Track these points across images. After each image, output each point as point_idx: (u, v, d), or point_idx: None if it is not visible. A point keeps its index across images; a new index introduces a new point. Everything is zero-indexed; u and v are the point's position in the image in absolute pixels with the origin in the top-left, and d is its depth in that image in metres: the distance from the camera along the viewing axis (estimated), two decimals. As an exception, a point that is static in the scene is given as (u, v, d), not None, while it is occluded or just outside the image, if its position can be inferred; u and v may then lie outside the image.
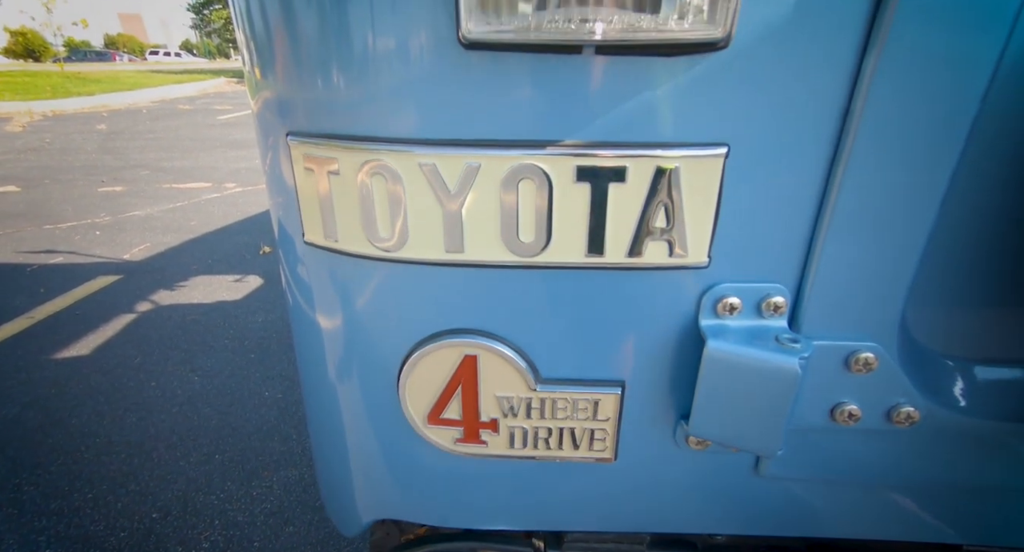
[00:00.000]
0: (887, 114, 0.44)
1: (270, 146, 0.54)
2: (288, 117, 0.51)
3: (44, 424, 2.48)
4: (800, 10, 0.41)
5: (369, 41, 0.44)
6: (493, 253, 0.50)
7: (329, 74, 0.47)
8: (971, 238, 0.53)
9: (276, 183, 0.57)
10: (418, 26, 0.43)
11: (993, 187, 0.51)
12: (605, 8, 0.38)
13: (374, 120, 0.47)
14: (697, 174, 0.46)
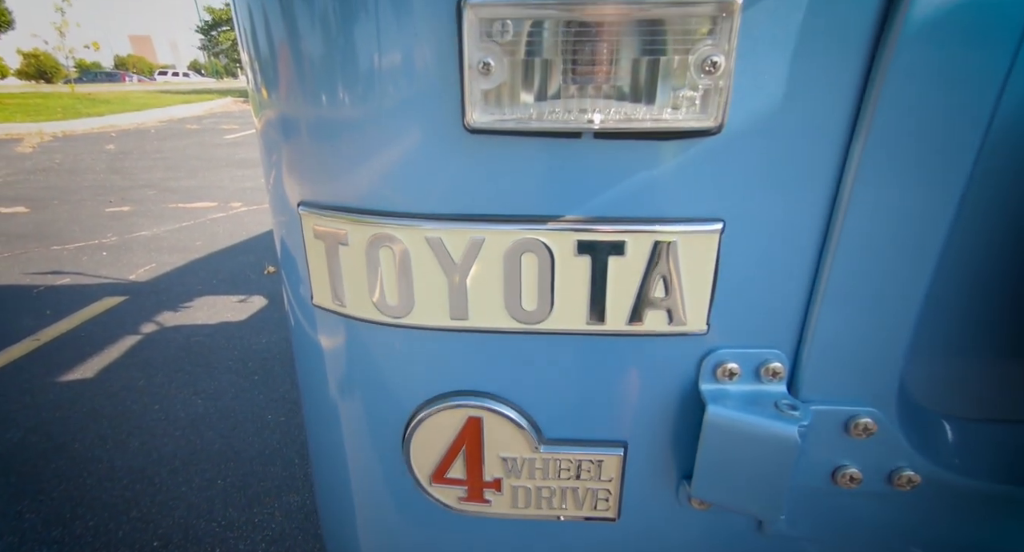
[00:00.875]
0: (876, 191, 0.45)
1: (281, 212, 0.56)
2: (300, 188, 0.54)
3: (47, 449, 2.48)
4: (789, 98, 0.43)
5: (378, 123, 0.47)
6: (497, 320, 0.52)
7: (340, 152, 0.49)
8: (967, 298, 0.54)
9: (286, 246, 0.59)
10: (425, 113, 0.45)
11: (986, 251, 0.52)
12: (603, 100, 0.40)
13: (382, 195, 0.50)
14: (694, 248, 0.48)
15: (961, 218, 0.47)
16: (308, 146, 0.51)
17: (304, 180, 0.53)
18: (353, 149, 0.49)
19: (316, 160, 0.51)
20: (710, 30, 0.39)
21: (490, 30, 0.39)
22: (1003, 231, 0.51)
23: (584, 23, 0.39)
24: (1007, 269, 0.52)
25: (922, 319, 0.51)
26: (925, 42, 0.40)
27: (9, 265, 4.67)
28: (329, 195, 0.51)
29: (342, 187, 0.51)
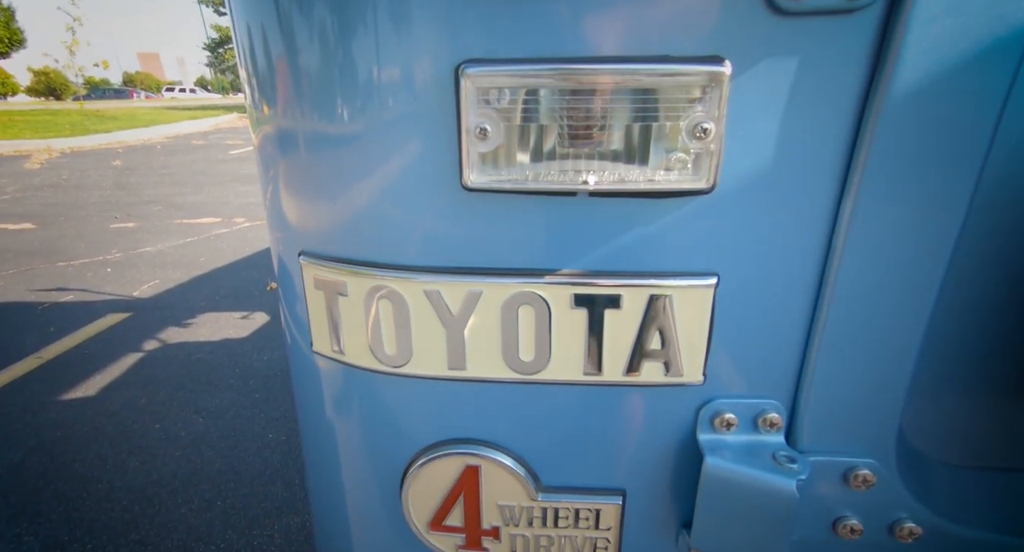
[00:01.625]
0: (868, 245, 0.46)
1: (283, 260, 0.58)
2: (301, 237, 0.55)
3: (48, 469, 2.47)
4: (780, 158, 0.45)
5: (378, 179, 0.48)
6: (494, 371, 0.52)
7: (340, 205, 0.51)
8: (964, 345, 0.55)
9: (287, 293, 0.60)
10: (424, 171, 0.47)
11: (981, 298, 0.53)
12: (597, 161, 0.42)
13: (382, 248, 0.51)
14: (689, 301, 0.49)
15: (953, 269, 0.48)
16: (309, 198, 0.52)
17: (305, 230, 0.54)
18: (353, 203, 0.50)
19: (317, 212, 0.53)
20: (700, 98, 0.40)
21: (487, 97, 0.41)
22: (996, 280, 0.52)
23: (578, 91, 0.40)
24: (1004, 315, 0.53)
25: (920, 367, 0.51)
26: (911, 104, 0.41)
27: (15, 282, 4.71)
28: (329, 246, 0.53)
29: (342, 239, 0.52)
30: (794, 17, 0.40)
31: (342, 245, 0.52)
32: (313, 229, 0.53)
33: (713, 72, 0.39)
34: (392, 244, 0.50)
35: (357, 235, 0.51)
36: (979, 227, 0.49)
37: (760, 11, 0.40)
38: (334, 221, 0.52)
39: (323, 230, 0.53)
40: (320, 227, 0.53)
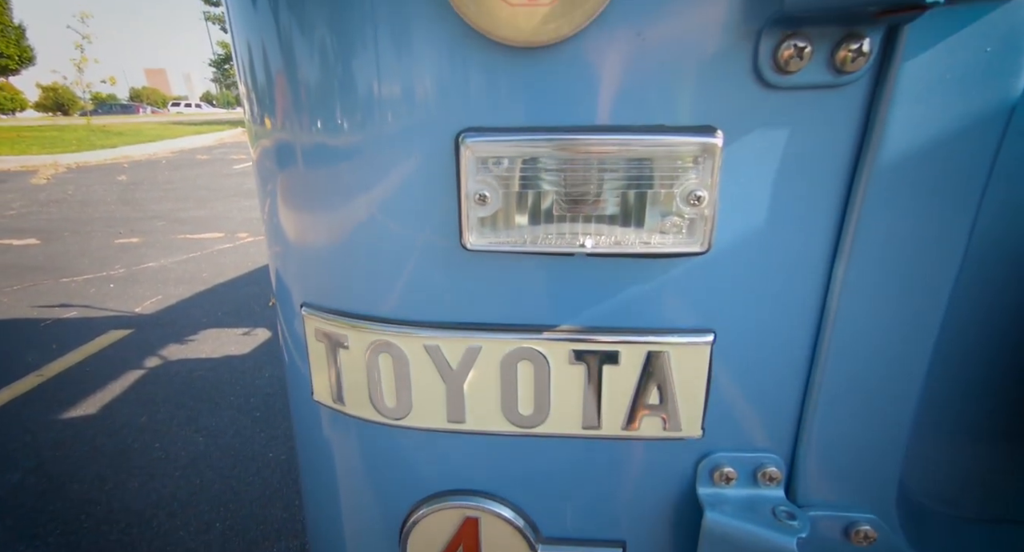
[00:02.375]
0: (861, 302, 0.47)
1: (285, 310, 0.58)
2: (303, 289, 0.55)
3: (46, 490, 2.45)
4: (772, 222, 0.45)
5: (380, 237, 0.49)
6: (493, 424, 0.52)
7: (343, 261, 0.52)
8: (963, 397, 0.54)
9: (288, 342, 0.61)
10: (425, 231, 0.48)
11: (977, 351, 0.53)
12: (594, 224, 0.43)
13: (383, 303, 0.51)
14: (686, 358, 0.49)
15: (947, 324, 0.48)
16: (313, 253, 0.53)
17: (308, 283, 0.55)
18: (355, 259, 0.51)
19: (320, 266, 0.53)
20: (694, 166, 0.41)
21: (486, 165, 0.42)
22: (990, 334, 0.52)
23: (575, 159, 0.41)
24: (1000, 367, 0.53)
25: (918, 419, 0.51)
26: (899, 172, 0.42)
27: (19, 298, 4.72)
28: (331, 299, 0.53)
29: (344, 292, 0.53)
30: (783, 91, 0.41)
31: (344, 299, 0.53)
32: (316, 282, 0.54)
33: (706, 143, 0.40)
34: (393, 299, 0.51)
35: (359, 289, 0.52)
36: (971, 284, 0.49)
37: (750, 84, 0.41)
38: (337, 275, 0.52)
39: (326, 283, 0.53)
40: (323, 280, 0.54)
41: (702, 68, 0.41)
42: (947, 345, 0.51)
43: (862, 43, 0.39)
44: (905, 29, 0.38)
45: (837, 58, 0.39)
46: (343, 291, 0.52)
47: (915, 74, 0.39)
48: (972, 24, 0.38)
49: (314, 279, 0.54)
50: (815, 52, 0.39)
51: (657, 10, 0.39)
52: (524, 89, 0.42)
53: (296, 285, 0.56)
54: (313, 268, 0.54)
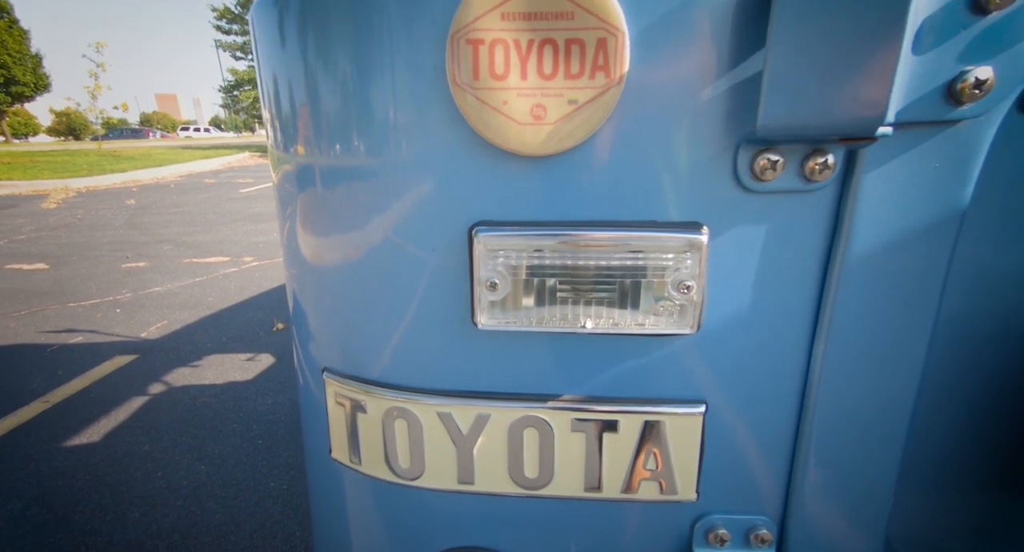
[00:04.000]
0: (841, 375, 0.51)
1: (307, 373, 0.62)
2: (325, 355, 0.60)
3: (48, 521, 2.44)
4: (757, 304, 0.50)
5: (397, 314, 0.54)
6: (501, 486, 0.56)
7: (363, 333, 0.56)
8: (944, 458, 0.58)
9: (308, 402, 0.65)
10: (440, 311, 0.52)
11: (952, 415, 0.56)
12: (594, 307, 0.47)
13: (399, 371, 0.56)
14: (681, 427, 0.53)
15: (922, 394, 0.52)
16: (337, 323, 0.58)
17: (330, 350, 0.59)
18: (375, 331, 0.55)
19: (342, 336, 0.58)
20: (683, 259, 0.46)
21: (496, 255, 0.46)
22: (966, 397, 0.55)
23: (576, 251, 0.46)
24: (975, 428, 0.56)
25: (901, 481, 0.55)
26: (867, 262, 0.47)
27: (27, 323, 4.77)
28: (351, 366, 0.57)
29: (363, 360, 0.57)
30: (760, 194, 0.46)
31: (363, 366, 0.57)
32: (337, 350, 0.58)
33: (693, 238, 0.45)
34: (409, 369, 0.55)
35: (378, 359, 0.56)
36: (944, 354, 0.53)
37: (731, 188, 0.46)
38: (357, 345, 0.57)
39: (347, 352, 0.58)
40: (344, 349, 0.58)
41: (689, 173, 0.46)
42: (925, 411, 0.55)
43: (827, 158, 0.44)
44: (863, 149, 0.44)
45: (806, 169, 0.45)
46: (363, 359, 0.57)
47: (875, 184, 0.45)
48: (921, 145, 0.43)
49: (336, 347, 0.58)
50: (786, 164, 0.45)
51: (648, 124, 0.44)
52: (531, 189, 0.47)
53: (318, 351, 0.60)
54: (335, 337, 0.58)
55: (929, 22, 0.39)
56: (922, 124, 0.42)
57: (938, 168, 0.43)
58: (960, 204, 0.45)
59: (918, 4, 0.38)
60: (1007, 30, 0.39)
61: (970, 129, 0.42)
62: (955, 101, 0.41)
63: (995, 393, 0.54)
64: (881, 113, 0.37)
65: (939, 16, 0.39)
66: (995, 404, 0.54)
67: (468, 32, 0.39)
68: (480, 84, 0.41)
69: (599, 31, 0.39)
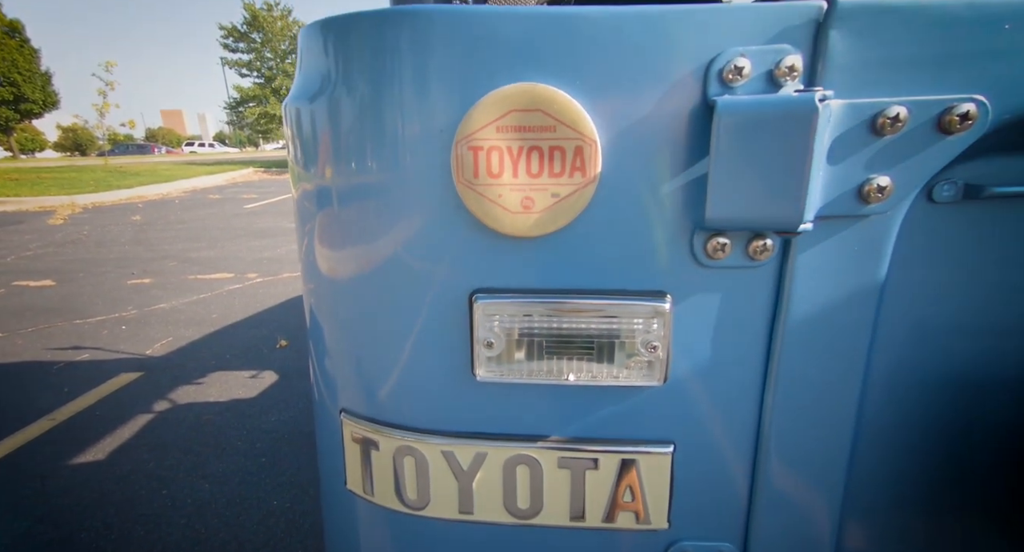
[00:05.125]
0: (789, 417, 0.59)
1: (326, 413, 0.70)
2: (343, 398, 0.67)
3: (53, 540, 2.48)
4: (715, 360, 0.58)
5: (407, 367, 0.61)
6: (496, 516, 0.63)
7: (378, 380, 0.63)
8: (882, 485, 0.65)
9: (326, 438, 0.72)
10: (444, 365, 0.60)
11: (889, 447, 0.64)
12: (576, 362, 0.55)
13: (409, 415, 0.63)
14: (653, 464, 0.60)
15: (860, 430, 0.59)
16: (352, 371, 0.65)
17: (346, 393, 0.67)
18: (388, 380, 0.63)
19: (358, 383, 0.65)
20: (650, 323, 0.54)
21: (493, 318, 0.54)
22: (904, 430, 0.62)
23: (560, 317, 0.54)
24: (912, 457, 0.63)
25: (846, 506, 0.61)
26: (805, 323, 0.54)
27: (34, 340, 4.83)
28: (366, 408, 0.65)
29: (377, 404, 0.64)
30: (714, 269, 0.54)
31: (377, 409, 0.64)
32: (353, 394, 0.66)
33: (658, 306, 0.53)
34: (417, 413, 0.62)
35: (390, 403, 0.64)
36: (887, 399, 0.61)
37: (690, 264, 0.55)
38: (372, 390, 0.64)
39: (362, 395, 0.65)
40: (360, 393, 0.65)
41: (654, 252, 0.54)
42: (865, 444, 0.62)
43: (766, 241, 0.53)
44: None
45: (750, 250, 0.53)
46: (377, 403, 0.64)
47: (807, 261, 0.53)
48: (842, 232, 0.52)
49: (353, 391, 0.66)
50: (733, 246, 0.53)
51: (618, 213, 0.53)
52: (521, 264, 0.55)
53: (337, 394, 0.67)
54: (353, 383, 0.65)
55: (840, 139, 0.47)
56: (840, 218, 0.50)
57: (857, 249, 0.52)
58: (878, 277, 0.53)
59: (832, 125, 0.46)
60: (900, 148, 0.47)
61: (879, 220, 0.51)
62: (864, 201, 0.49)
63: (932, 426, 0.61)
64: (799, 216, 0.45)
65: (848, 136, 0.47)
66: (931, 437, 0.62)
67: (469, 141, 0.48)
68: (479, 181, 0.49)
69: (576, 141, 0.47)
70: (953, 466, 0.62)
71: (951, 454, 0.62)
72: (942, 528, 0.65)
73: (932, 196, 0.53)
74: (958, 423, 0.60)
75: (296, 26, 52.85)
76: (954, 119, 0.45)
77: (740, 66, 0.45)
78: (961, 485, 0.62)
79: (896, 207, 0.50)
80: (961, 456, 0.61)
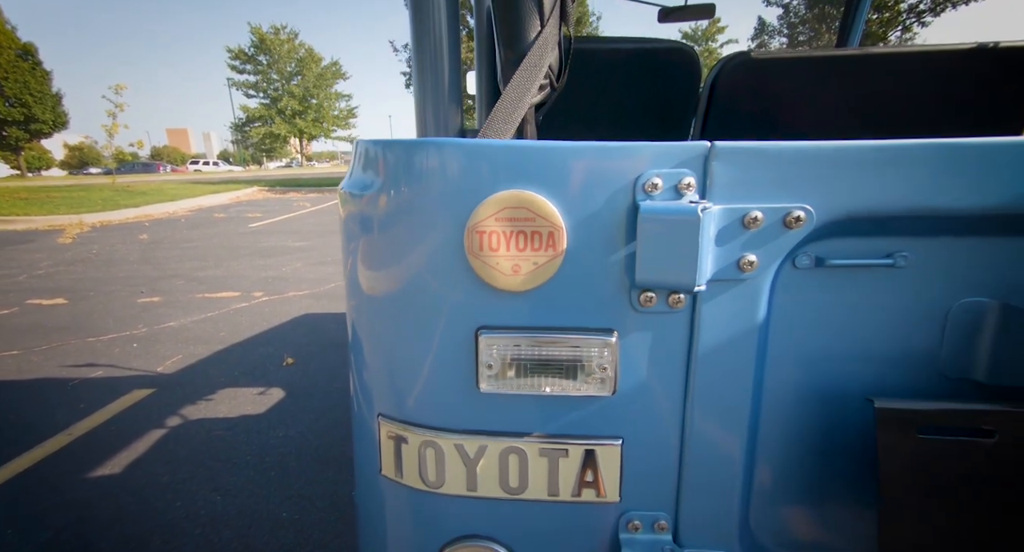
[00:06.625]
0: (703, 423, 0.78)
1: (365, 415, 0.90)
2: (380, 403, 0.88)
3: (76, 549, 2.62)
4: (650, 377, 0.78)
5: (429, 382, 0.82)
6: (494, 492, 0.84)
7: (408, 389, 0.84)
8: (784, 469, 0.84)
9: (363, 435, 0.91)
10: (456, 381, 0.81)
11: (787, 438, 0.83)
12: (550, 379, 0.76)
13: (430, 417, 0.84)
14: (608, 454, 0.81)
15: (755, 428, 0.79)
16: (389, 383, 0.86)
17: (382, 400, 0.87)
18: (415, 390, 0.83)
19: (393, 392, 0.86)
20: (603, 352, 0.74)
21: (492, 348, 0.75)
22: (794, 425, 0.82)
23: (540, 347, 0.75)
24: (804, 445, 0.83)
25: (745, 489, 0.81)
26: (710, 352, 0.74)
27: (48, 357, 5.00)
28: (398, 412, 0.85)
29: (407, 409, 0.85)
30: (646, 314, 0.75)
31: (407, 412, 0.85)
32: (388, 400, 0.86)
33: (608, 340, 0.75)
34: (437, 415, 0.83)
35: (417, 407, 0.84)
36: (776, 408, 0.81)
37: (631, 309, 0.75)
38: (403, 398, 0.85)
39: (396, 401, 0.86)
40: (394, 400, 0.86)
41: (605, 301, 0.75)
42: (759, 442, 0.82)
43: (680, 295, 0.74)
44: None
45: (669, 301, 0.74)
46: (407, 408, 0.84)
47: (709, 309, 0.74)
48: (731, 290, 0.73)
49: (388, 399, 0.86)
50: (658, 298, 0.74)
51: (580, 274, 0.74)
52: (513, 310, 0.76)
53: (374, 400, 0.88)
54: (388, 392, 0.86)
55: (722, 231, 0.69)
56: (727, 280, 0.72)
57: (743, 301, 0.73)
58: (760, 319, 0.74)
59: (715, 222, 0.68)
60: (761, 238, 0.69)
61: (755, 282, 0.72)
62: (741, 270, 0.71)
63: (806, 430, 0.82)
64: (693, 280, 0.66)
65: (727, 228, 0.69)
66: (806, 438, 0.82)
67: (477, 226, 0.69)
68: (483, 253, 0.71)
69: (549, 228, 0.69)
70: (821, 459, 0.82)
71: (820, 450, 0.82)
72: (815, 507, 0.85)
73: (795, 264, 0.74)
74: (823, 427, 0.80)
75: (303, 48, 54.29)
76: (792, 219, 0.68)
77: (656, 182, 0.67)
78: (828, 471, 0.82)
79: (765, 273, 0.71)
80: (827, 452, 0.81)
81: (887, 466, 0.72)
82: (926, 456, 0.70)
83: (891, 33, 26.43)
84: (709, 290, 0.72)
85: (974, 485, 0.70)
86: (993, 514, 0.70)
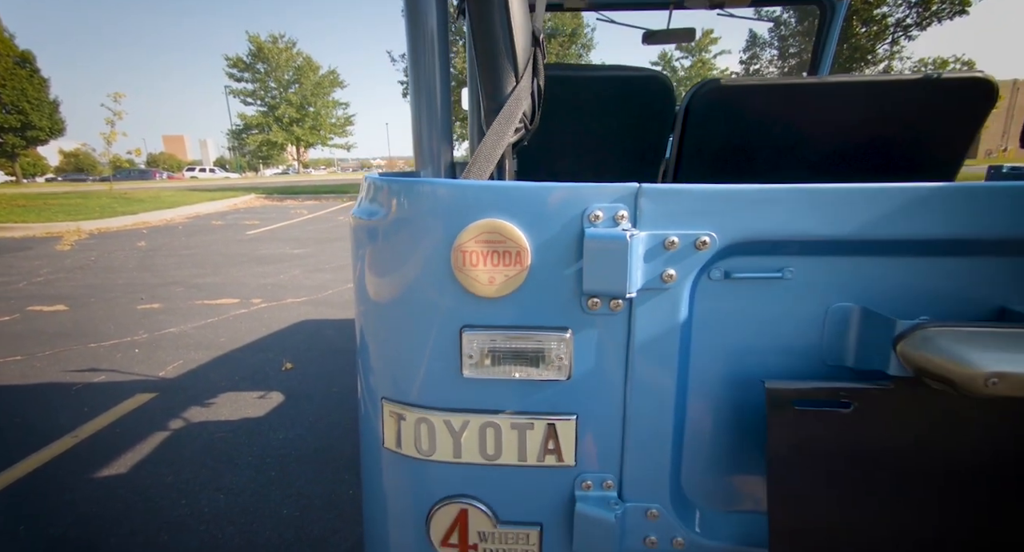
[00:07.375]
0: (642, 400, 0.95)
1: (369, 398, 1.07)
2: (382, 387, 1.05)
3: (87, 544, 2.74)
4: (598, 364, 0.95)
5: (423, 369, 0.99)
6: (475, 458, 1.00)
7: (406, 378, 1.01)
8: (710, 437, 1.02)
9: (368, 414, 1.08)
10: (443, 367, 0.97)
11: (711, 414, 1.01)
12: (520, 367, 0.93)
13: (424, 397, 1.00)
14: (565, 427, 0.98)
15: (682, 406, 0.96)
16: (390, 370, 1.03)
17: (386, 384, 1.04)
18: (412, 376, 1.00)
19: (394, 377, 1.03)
20: (560, 345, 0.91)
21: (473, 343, 0.92)
22: (716, 403, 1.00)
23: (510, 341, 0.92)
24: (722, 418, 1.01)
25: (675, 455, 0.98)
26: (647, 343, 0.92)
27: (51, 363, 5.11)
28: (399, 394, 1.02)
29: (406, 391, 1.01)
30: (593, 315, 0.93)
31: (406, 394, 1.01)
32: (391, 384, 1.03)
33: (563, 335, 0.92)
34: (429, 396, 1.00)
35: (414, 390, 1.01)
36: (689, 389, 0.99)
37: (580, 311, 0.93)
38: (402, 382, 1.02)
39: (396, 386, 1.03)
40: (395, 384, 1.03)
41: (562, 304, 0.92)
42: (686, 417, 1.00)
43: (619, 300, 0.91)
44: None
45: (611, 305, 0.92)
46: (406, 390, 1.01)
47: (641, 311, 0.91)
48: (658, 295, 0.91)
49: (390, 383, 1.02)
50: (602, 303, 0.92)
51: (542, 284, 0.92)
52: (488, 312, 0.92)
53: (378, 384, 1.05)
54: (390, 377, 1.03)
55: (649, 251, 0.88)
56: (654, 289, 0.90)
57: (668, 305, 0.90)
58: (682, 319, 0.91)
59: (642, 244, 0.87)
60: (678, 256, 0.88)
61: (677, 290, 0.90)
62: (664, 281, 0.90)
63: (723, 409, 1.01)
64: (624, 289, 0.84)
65: (652, 249, 0.88)
66: (723, 416, 1.00)
67: (460, 247, 0.87)
68: (466, 268, 0.89)
69: (517, 247, 0.87)
70: (734, 431, 1.00)
71: (733, 424, 1.00)
72: (730, 469, 1.03)
73: (710, 276, 0.92)
74: (735, 405, 0.99)
75: (300, 57, 54.72)
76: (700, 243, 0.87)
77: (598, 214, 0.86)
78: (739, 441, 1.01)
79: (683, 283, 0.89)
80: (738, 425, 1.00)
81: (773, 434, 0.89)
82: (801, 425, 0.88)
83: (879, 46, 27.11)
84: (640, 297, 0.91)
85: (838, 447, 0.88)
86: (854, 469, 0.88)
